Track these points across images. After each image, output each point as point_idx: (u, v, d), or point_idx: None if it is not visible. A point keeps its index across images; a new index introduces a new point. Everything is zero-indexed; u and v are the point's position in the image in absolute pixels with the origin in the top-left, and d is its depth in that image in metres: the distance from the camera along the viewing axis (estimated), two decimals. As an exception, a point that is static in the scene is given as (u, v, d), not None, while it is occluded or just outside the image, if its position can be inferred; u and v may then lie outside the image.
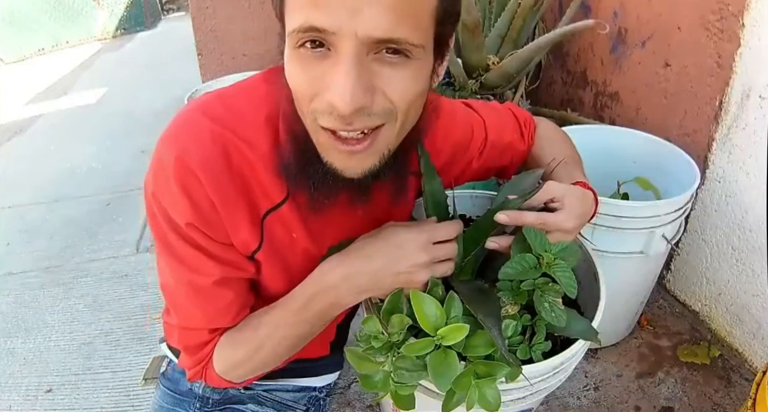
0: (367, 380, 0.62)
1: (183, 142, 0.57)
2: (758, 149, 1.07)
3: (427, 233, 0.62)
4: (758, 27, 1.02)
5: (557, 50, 1.73)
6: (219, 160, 0.57)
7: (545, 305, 0.65)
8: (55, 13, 5.04)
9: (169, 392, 0.91)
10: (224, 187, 0.58)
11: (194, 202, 0.57)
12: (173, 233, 0.60)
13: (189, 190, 0.57)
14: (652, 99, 1.35)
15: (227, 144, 0.58)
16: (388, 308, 0.65)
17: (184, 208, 0.58)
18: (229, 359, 0.67)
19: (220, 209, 0.59)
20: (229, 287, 0.65)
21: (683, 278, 1.39)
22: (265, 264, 0.66)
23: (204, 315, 0.66)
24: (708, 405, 1.19)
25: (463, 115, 0.80)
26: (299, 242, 0.66)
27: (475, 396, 0.59)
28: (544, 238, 0.67)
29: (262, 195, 0.62)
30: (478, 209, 0.98)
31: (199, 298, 0.64)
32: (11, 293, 1.79)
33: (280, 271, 0.68)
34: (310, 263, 0.66)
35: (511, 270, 0.66)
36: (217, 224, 0.60)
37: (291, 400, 0.95)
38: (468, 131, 0.79)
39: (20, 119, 3.40)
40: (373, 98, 0.48)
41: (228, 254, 0.63)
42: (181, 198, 0.57)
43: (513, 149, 0.84)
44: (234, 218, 0.60)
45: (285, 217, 0.64)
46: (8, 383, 1.43)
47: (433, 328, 0.60)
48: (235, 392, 0.92)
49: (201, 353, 0.68)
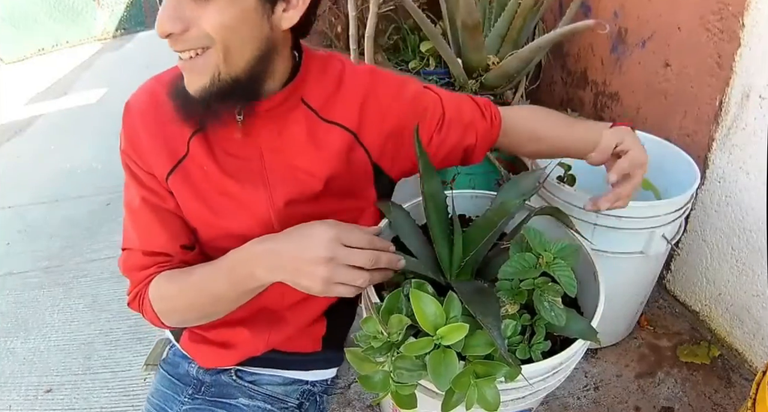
0: (367, 381, 0.62)
1: (133, 94, 0.76)
2: (758, 149, 1.07)
3: (337, 230, 0.63)
4: (758, 27, 1.02)
5: (557, 50, 1.73)
6: (151, 105, 0.74)
7: (545, 305, 0.65)
8: (55, 13, 5.05)
9: (167, 375, 0.96)
10: (150, 124, 0.73)
11: (128, 134, 0.74)
12: (122, 161, 0.76)
13: (126, 124, 0.74)
14: (652, 99, 1.35)
15: (158, 94, 0.73)
16: (387, 308, 0.65)
17: (123, 138, 0.75)
18: (159, 290, 0.74)
19: (145, 140, 0.73)
20: (154, 211, 0.75)
21: (683, 278, 1.39)
22: (177, 191, 0.75)
23: (137, 235, 0.76)
24: (708, 405, 1.19)
25: (415, 88, 0.83)
26: (212, 175, 0.74)
27: (474, 396, 0.59)
28: (543, 237, 0.67)
29: (178, 136, 0.74)
30: (478, 208, 0.98)
31: (132, 218, 0.76)
32: (11, 293, 1.80)
33: (195, 200, 0.76)
34: (227, 200, 0.75)
35: (511, 269, 0.66)
36: (141, 151, 0.74)
37: (282, 393, 0.96)
38: (420, 104, 0.82)
39: (20, 119, 3.40)
40: (185, 27, 0.60)
41: (150, 182, 0.75)
42: (123, 131, 0.75)
43: (476, 128, 0.86)
44: (154, 149, 0.73)
45: (196, 153, 0.74)
46: (8, 383, 1.43)
47: (432, 327, 0.60)
48: (226, 381, 0.95)
49: (138, 275, 0.75)
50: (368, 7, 1.37)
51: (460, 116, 0.85)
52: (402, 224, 0.84)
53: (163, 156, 0.73)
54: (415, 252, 0.79)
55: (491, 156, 1.51)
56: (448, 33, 1.60)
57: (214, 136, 0.73)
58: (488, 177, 1.60)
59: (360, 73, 0.79)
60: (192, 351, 0.93)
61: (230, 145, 0.73)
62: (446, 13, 1.59)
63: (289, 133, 0.74)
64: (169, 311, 0.76)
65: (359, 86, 0.78)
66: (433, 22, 1.65)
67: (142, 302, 0.76)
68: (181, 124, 0.71)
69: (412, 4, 1.38)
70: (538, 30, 1.68)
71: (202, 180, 0.74)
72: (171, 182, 0.74)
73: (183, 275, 0.74)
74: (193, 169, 0.74)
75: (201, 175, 0.74)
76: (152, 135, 0.73)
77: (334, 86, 0.76)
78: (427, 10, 1.77)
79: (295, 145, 0.74)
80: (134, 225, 0.76)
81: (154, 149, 0.73)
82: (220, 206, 0.75)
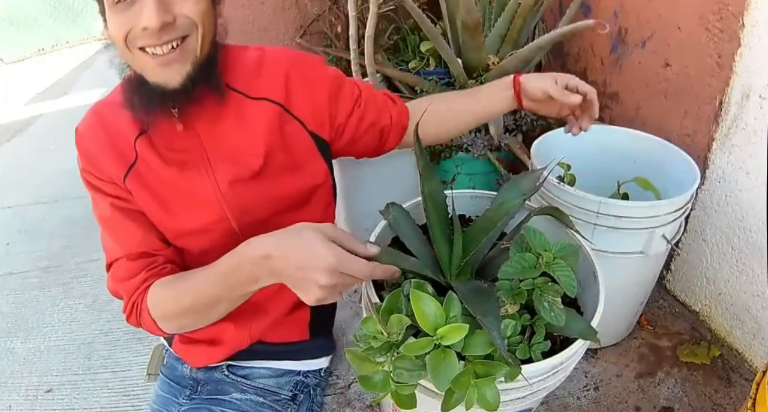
0: (367, 381, 0.62)
1: (80, 121, 0.81)
2: (758, 149, 1.07)
3: (339, 261, 0.62)
4: (758, 27, 1.02)
5: (557, 50, 1.73)
6: (97, 123, 0.80)
7: (544, 305, 0.65)
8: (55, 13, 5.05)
9: (167, 380, 0.99)
10: (99, 139, 0.78)
11: (83, 154, 0.80)
12: (84, 182, 0.81)
13: (80, 147, 0.80)
14: (652, 99, 1.35)
15: (102, 112, 0.81)
16: (387, 308, 0.65)
17: (79, 160, 0.80)
18: (156, 298, 0.76)
19: (99, 154, 0.78)
20: (125, 213, 0.79)
21: (683, 278, 1.39)
22: (135, 193, 0.79)
23: (117, 243, 0.80)
24: (708, 405, 1.19)
25: (333, 72, 0.89)
26: (160, 172, 0.78)
27: (474, 396, 0.59)
28: (543, 237, 0.67)
29: (125, 142, 0.79)
30: (478, 208, 0.98)
31: (107, 228, 0.81)
32: (11, 293, 1.80)
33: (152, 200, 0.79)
34: (178, 195, 0.79)
35: (511, 269, 0.66)
36: (98, 165, 0.78)
37: (274, 385, 0.98)
38: (339, 79, 0.89)
39: (20, 119, 3.40)
40: (174, 17, 0.66)
41: (114, 189, 0.79)
42: (78, 155, 0.80)
43: (389, 109, 0.94)
44: (107, 158, 0.78)
45: (144, 154, 0.78)
46: (8, 383, 1.43)
47: (432, 327, 0.60)
48: (219, 377, 0.97)
49: (129, 284, 0.77)
50: (368, 7, 1.37)
51: (375, 99, 0.93)
52: (402, 224, 0.84)
53: (117, 163, 0.78)
54: (415, 252, 0.79)
55: (491, 156, 1.51)
56: (448, 33, 1.60)
57: (156, 135, 0.78)
58: (488, 177, 1.60)
59: (279, 51, 0.85)
60: (183, 353, 0.96)
61: (172, 140, 0.78)
62: (446, 13, 1.59)
63: (222, 117, 0.79)
64: (168, 317, 0.76)
65: (281, 62, 0.83)
66: (433, 22, 1.65)
67: (139, 313, 0.77)
68: (125, 132, 0.78)
69: (412, 4, 1.38)
70: (538, 30, 1.68)
71: (155, 180, 0.79)
72: (128, 184, 0.78)
73: (178, 281, 0.76)
74: (144, 171, 0.78)
75: (152, 175, 0.79)
76: (103, 148, 0.78)
77: (255, 67, 0.82)
78: (427, 10, 1.77)
79: (229, 128, 0.79)
80: (111, 234, 0.81)
81: (107, 159, 0.78)
82: (174, 203, 0.80)
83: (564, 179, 1.15)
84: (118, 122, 0.78)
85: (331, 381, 1.28)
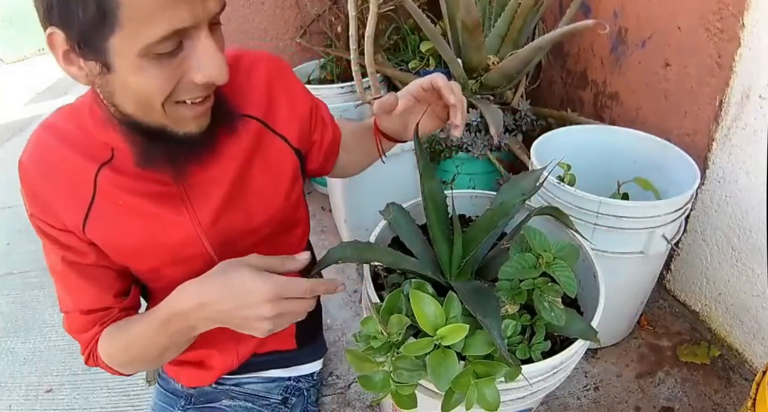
0: (366, 381, 0.62)
1: (24, 152, 0.69)
2: (758, 149, 1.07)
3: (276, 288, 0.60)
4: (758, 27, 1.02)
5: (557, 50, 1.73)
6: (44, 157, 0.67)
7: (545, 305, 0.65)
8: (56, 13, 5.03)
9: (163, 390, 0.99)
10: (49, 176, 0.67)
11: (30, 194, 0.68)
12: (32, 225, 0.71)
13: (26, 185, 0.68)
14: (652, 99, 1.35)
15: (48, 144, 0.68)
16: (387, 308, 0.65)
17: (27, 200, 0.69)
18: (107, 349, 0.72)
19: (49, 194, 0.67)
20: (77, 270, 0.71)
21: (683, 278, 1.39)
22: (98, 239, 0.70)
23: (70, 298, 0.73)
24: (708, 405, 1.19)
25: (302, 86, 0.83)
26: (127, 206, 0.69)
27: (474, 396, 0.59)
28: (543, 237, 0.67)
29: (82, 178, 0.67)
30: (477, 209, 0.98)
31: (60, 280, 0.73)
32: (11, 293, 1.79)
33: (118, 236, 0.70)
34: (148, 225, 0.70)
35: (511, 269, 0.66)
36: (49, 209, 0.68)
37: (263, 390, 0.98)
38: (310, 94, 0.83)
39: (20, 119, 3.40)
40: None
41: (67, 238, 0.69)
42: (24, 193, 0.69)
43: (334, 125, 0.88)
44: (61, 202, 0.67)
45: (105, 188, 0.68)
46: (8, 383, 1.43)
47: (432, 328, 0.60)
48: (210, 389, 0.97)
49: (85, 336, 0.73)
50: (368, 7, 1.37)
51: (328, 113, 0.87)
52: (402, 224, 0.84)
53: (72, 206, 0.68)
54: (415, 252, 0.79)
55: (491, 156, 1.51)
56: (448, 33, 1.60)
57: (123, 164, 0.67)
58: (488, 177, 1.60)
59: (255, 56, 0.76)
60: (174, 373, 0.95)
61: (141, 169, 0.66)
62: (446, 13, 1.59)
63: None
64: (122, 365, 0.74)
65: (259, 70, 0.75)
66: (433, 22, 1.65)
67: (96, 360, 0.75)
68: (82, 164, 0.67)
69: (412, 4, 1.38)
70: (538, 30, 1.68)
71: (119, 214, 0.69)
72: (88, 231, 0.68)
73: (124, 331, 0.71)
74: (106, 208, 0.68)
75: (115, 210, 0.68)
76: (54, 187, 0.67)
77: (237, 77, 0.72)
78: (427, 10, 1.77)
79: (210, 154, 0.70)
80: (64, 288, 0.73)
81: (60, 202, 0.67)
82: (144, 236, 0.71)
83: (564, 179, 1.15)
84: (73, 153, 0.67)
85: (331, 381, 1.28)
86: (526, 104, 1.56)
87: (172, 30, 0.50)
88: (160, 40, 0.50)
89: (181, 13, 0.50)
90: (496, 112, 1.40)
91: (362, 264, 0.78)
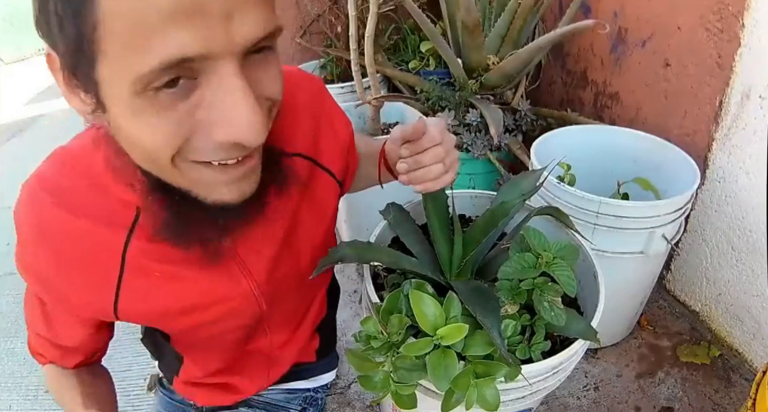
0: (366, 381, 0.62)
1: (24, 219, 0.55)
2: (758, 149, 1.07)
3: None
4: (758, 27, 1.01)
5: (557, 50, 1.73)
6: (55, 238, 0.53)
7: (544, 305, 0.65)
8: (56, 13, 5.04)
9: (168, 399, 0.93)
10: (62, 260, 0.54)
11: (36, 280, 0.57)
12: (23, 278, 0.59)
13: (29, 268, 0.57)
14: (652, 99, 1.35)
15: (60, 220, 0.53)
16: (387, 308, 0.65)
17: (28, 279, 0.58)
18: (47, 377, 0.70)
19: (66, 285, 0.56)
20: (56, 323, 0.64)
21: (683, 278, 1.39)
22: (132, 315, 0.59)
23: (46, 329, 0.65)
24: (708, 405, 1.19)
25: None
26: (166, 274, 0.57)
27: (474, 396, 0.59)
28: (543, 237, 0.67)
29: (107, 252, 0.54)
30: (478, 208, 0.98)
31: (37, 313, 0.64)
32: (11, 293, 1.79)
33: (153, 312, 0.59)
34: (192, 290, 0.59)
35: (511, 269, 0.66)
36: (58, 293, 0.57)
37: (283, 400, 0.95)
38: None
39: (20, 119, 3.40)
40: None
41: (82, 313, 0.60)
42: (19, 268, 0.58)
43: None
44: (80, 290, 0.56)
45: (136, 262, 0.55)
46: (8, 383, 1.43)
47: (432, 328, 0.60)
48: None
49: (43, 359, 0.69)
50: (368, 7, 1.37)
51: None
52: (402, 224, 0.84)
53: (95, 291, 0.55)
54: (415, 252, 0.79)
55: (491, 156, 1.51)
56: (448, 33, 1.60)
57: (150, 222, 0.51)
58: (488, 177, 1.60)
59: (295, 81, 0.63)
60: (188, 393, 0.84)
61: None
62: (446, 13, 1.59)
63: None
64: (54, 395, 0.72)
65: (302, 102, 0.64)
66: (433, 22, 1.65)
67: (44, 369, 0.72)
68: (103, 237, 0.53)
69: (412, 4, 1.38)
70: (538, 30, 1.68)
71: (156, 286, 0.56)
72: (122, 313, 0.57)
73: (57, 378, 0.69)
74: (138, 283, 0.56)
75: (150, 283, 0.56)
76: (71, 272, 0.54)
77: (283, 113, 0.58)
78: (427, 10, 1.77)
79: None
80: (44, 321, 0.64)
81: (79, 291, 0.55)
82: (187, 302, 0.59)
83: (564, 179, 1.15)
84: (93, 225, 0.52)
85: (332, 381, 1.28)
86: (526, 104, 1.57)
87: (169, 61, 0.34)
88: (155, 73, 0.35)
89: (183, 35, 0.34)
90: (496, 112, 1.40)
91: (362, 264, 0.78)
